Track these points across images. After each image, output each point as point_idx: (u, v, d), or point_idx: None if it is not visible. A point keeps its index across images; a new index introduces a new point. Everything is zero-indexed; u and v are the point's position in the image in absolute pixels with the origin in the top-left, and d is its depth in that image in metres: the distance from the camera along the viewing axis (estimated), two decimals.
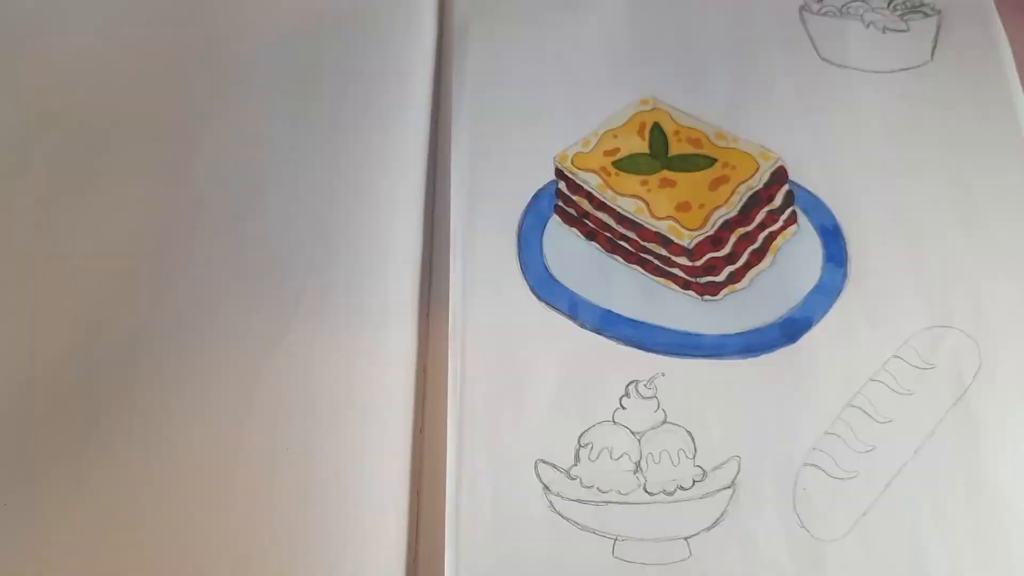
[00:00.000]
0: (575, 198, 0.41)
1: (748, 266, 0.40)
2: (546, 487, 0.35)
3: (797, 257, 0.40)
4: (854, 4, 0.47)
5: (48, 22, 0.47)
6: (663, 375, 0.37)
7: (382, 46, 0.46)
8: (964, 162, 0.42)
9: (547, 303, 0.39)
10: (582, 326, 0.38)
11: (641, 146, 0.43)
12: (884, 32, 0.47)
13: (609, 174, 0.42)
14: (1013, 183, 0.41)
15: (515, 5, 0.47)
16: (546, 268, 0.39)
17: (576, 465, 0.35)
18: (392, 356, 0.38)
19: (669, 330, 0.38)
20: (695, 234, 0.40)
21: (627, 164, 0.42)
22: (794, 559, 0.34)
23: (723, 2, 0.47)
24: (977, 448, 0.36)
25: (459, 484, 0.35)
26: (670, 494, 0.35)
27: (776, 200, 0.41)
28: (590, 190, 0.41)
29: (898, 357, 0.38)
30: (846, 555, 0.34)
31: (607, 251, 0.40)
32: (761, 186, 0.41)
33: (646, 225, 0.40)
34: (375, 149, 0.42)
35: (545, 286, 0.39)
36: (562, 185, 0.42)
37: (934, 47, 0.46)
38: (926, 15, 0.47)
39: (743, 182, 0.41)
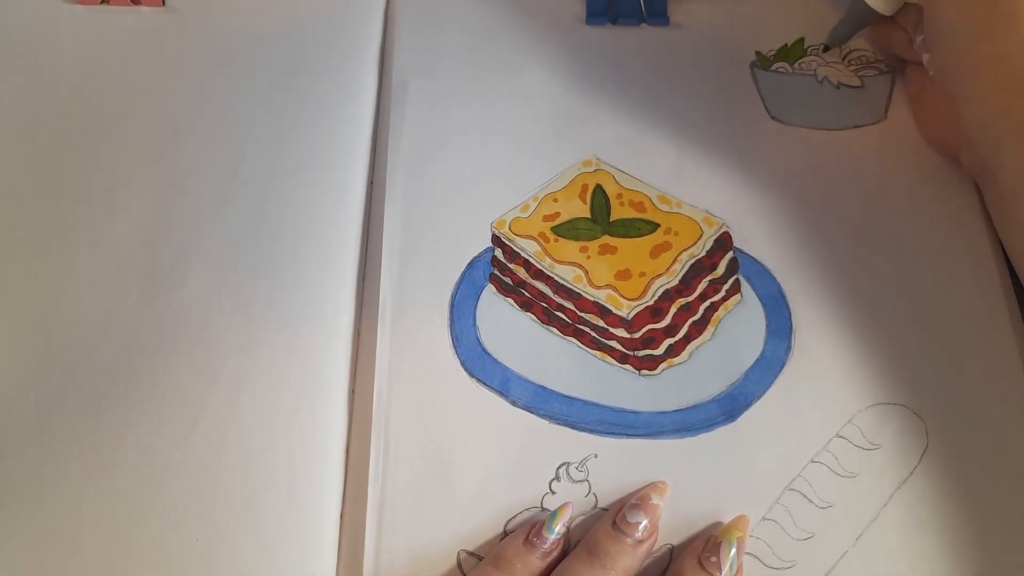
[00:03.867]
0: (512, 266, 0.40)
1: (688, 339, 0.38)
2: None
3: (739, 329, 0.39)
4: (807, 59, 0.46)
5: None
6: (596, 456, 0.36)
7: (320, 106, 0.44)
8: (917, 225, 0.41)
9: (478, 379, 0.37)
10: (513, 404, 0.37)
11: (582, 210, 0.41)
12: (838, 88, 0.45)
13: (548, 240, 0.40)
14: (968, 246, 0.40)
15: (456, 62, 0.46)
16: (479, 341, 0.38)
17: None
18: (315, 436, 0.36)
19: (604, 407, 0.37)
20: (634, 304, 0.38)
21: (567, 230, 0.41)
22: None
23: (670, 60, 0.46)
24: (923, 535, 0.34)
25: None
26: None
27: (719, 268, 0.40)
28: (527, 257, 0.40)
29: (841, 437, 0.36)
30: None
31: (543, 322, 0.39)
32: (704, 254, 0.40)
33: (584, 294, 0.39)
34: (308, 215, 0.41)
35: (477, 361, 0.38)
36: (498, 252, 0.40)
37: (888, 104, 0.45)
38: (881, 71, 0.46)
39: (685, 249, 0.40)
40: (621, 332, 0.38)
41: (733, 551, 0.32)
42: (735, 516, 0.34)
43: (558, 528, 0.33)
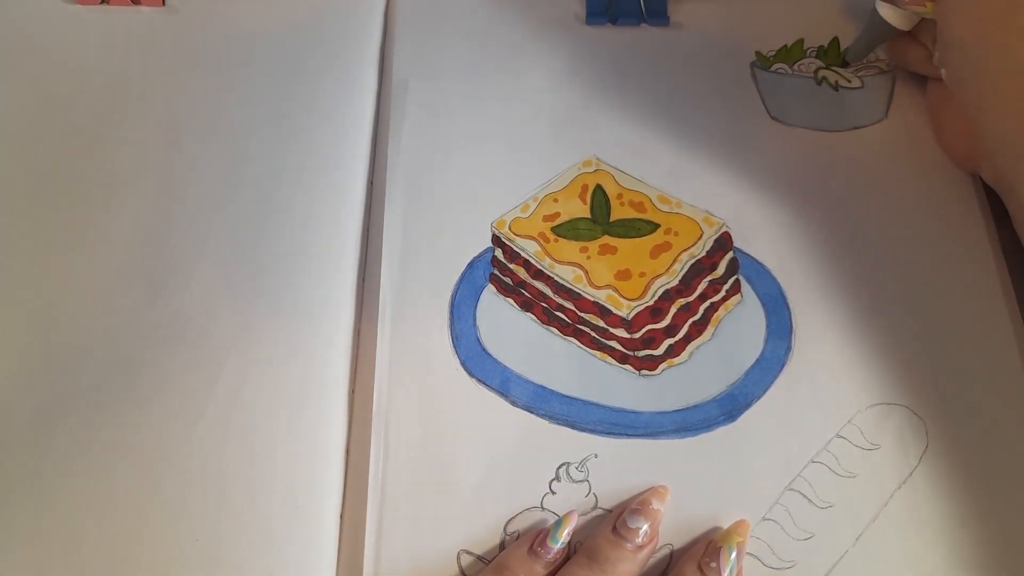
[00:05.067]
0: (512, 266, 0.40)
1: (688, 339, 0.38)
2: None
3: (739, 329, 0.39)
4: (807, 60, 0.46)
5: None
6: (596, 456, 0.36)
7: (320, 106, 0.44)
8: (917, 226, 0.41)
9: (478, 379, 0.37)
10: (513, 404, 0.37)
11: (582, 210, 0.41)
12: (837, 89, 0.45)
13: (548, 240, 0.40)
14: (968, 247, 0.40)
15: (456, 62, 0.46)
16: (479, 341, 0.38)
17: None
18: (315, 436, 0.36)
19: (604, 407, 0.37)
20: (634, 304, 0.39)
21: (567, 230, 0.41)
22: None
23: (670, 60, 0.46)
24: (923, 535, 0.34)
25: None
26: None
27: (719, 269, 0.40)
28: (527, 257, 0.40)
29: (841, 437, 0.36)
30: None
31: (543, 323, 0.39)
32: (704, 254, 0.40)
33: (584, 295, 0.39)
34: (308, 215, 0.41)
35: (477, 361, 0.38)
36: (499, 252, 0.40)
37: (888, 104, 0.45)
38: (881, 71, 0.46)
39: (685, 250, 0.40)
40: (621, 332, 0.38)
41: (733, 556, 0.32)
42: (735, 520, 0.34)
43: (563, 537, 0.33)
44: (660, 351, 0.38)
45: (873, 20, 0.43)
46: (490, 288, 0.40)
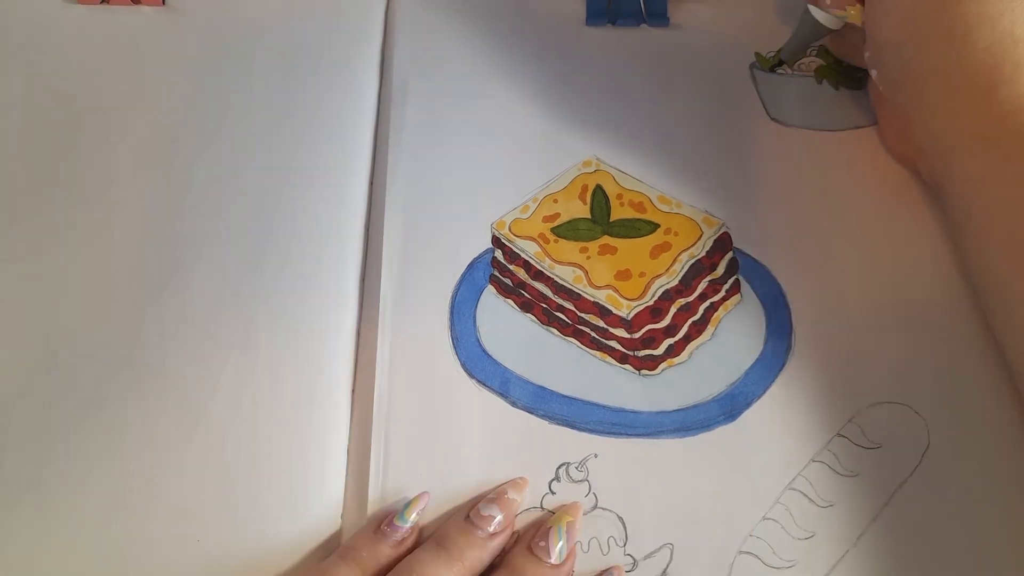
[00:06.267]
0: (512, 267, 0.40)
1: (688, 339, 0.38)
2: None
3: (739, 329, 0.39)
4: (806, 60, 0.46)
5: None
6: (596, 456, 0.36)
7: (320, 106, 0.44)
8: (916, 226, 0.41)
9: (478, 380, 0.37)
10: (513, 404, 0.37)
11: (582, 211, 0.41)
12: (837, 89, 0.45)
13: (548, 241, 0.40)
14: None
15: (456, 62, 0.46)
16: (479, 342, 0.38)
17: None
18: (315, 437, 0.36)
19: (604, 407, 0.37)
20: (634, 304, 0.38)
21: (567, 230, 0.41)
22: None
23: (670, 60, 0.46)
24: (925, 535, 0.34)
25: None
26: None
27: (719, 269, 0.40)
28: (527, 258, 0.40)
29: (842, 436, 0.36)
30: None
31: (543, 323, 0.39)
32: (704, 254, 0.40)
33: (584, 295, 0.39)
34: (309, 216, 0.41)
35: (477, 362, 0.38)
36: (498, 254, 0.40)
37: None
38: None
39: (685, 250, 0.40)
40: (621, 332, 0.38)
41: (563, 534, 0.33)
42: (569, 504, 0.34)
43: (412, 517, 0.33)
44: (660, 351, 0.38)
45: (804, 20, 0.43)
46: (490, 289, 0.40)
